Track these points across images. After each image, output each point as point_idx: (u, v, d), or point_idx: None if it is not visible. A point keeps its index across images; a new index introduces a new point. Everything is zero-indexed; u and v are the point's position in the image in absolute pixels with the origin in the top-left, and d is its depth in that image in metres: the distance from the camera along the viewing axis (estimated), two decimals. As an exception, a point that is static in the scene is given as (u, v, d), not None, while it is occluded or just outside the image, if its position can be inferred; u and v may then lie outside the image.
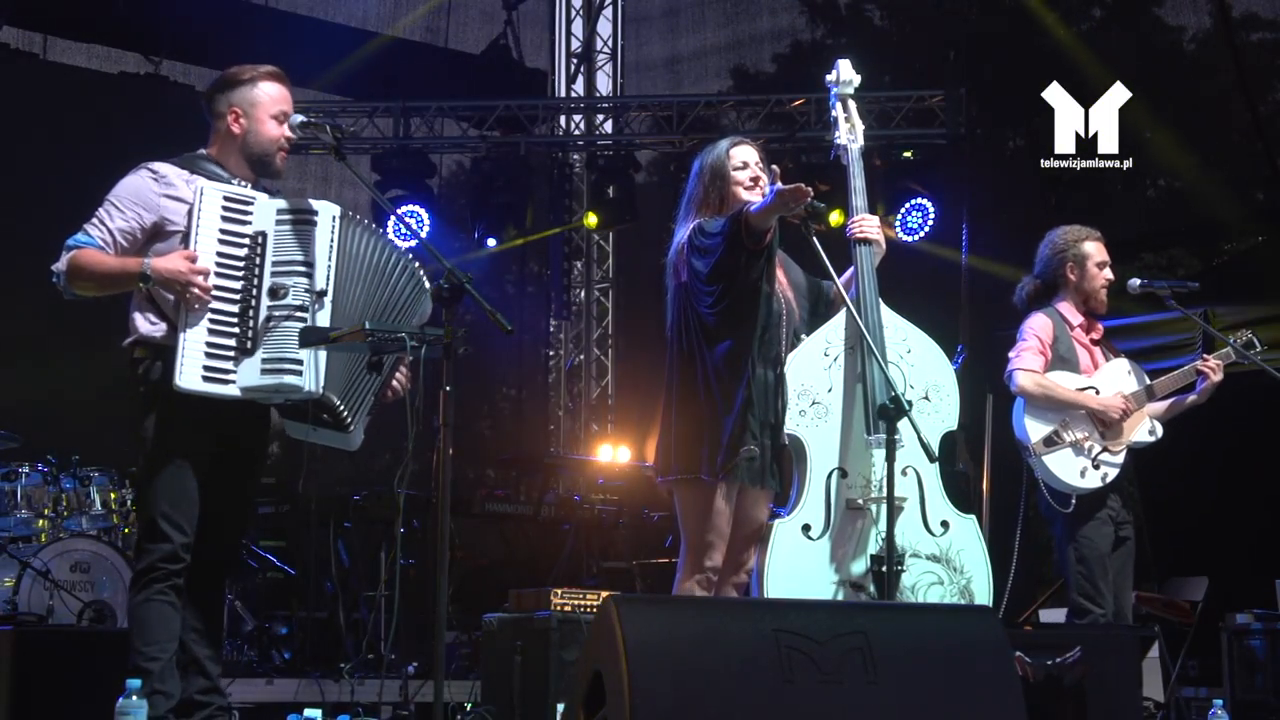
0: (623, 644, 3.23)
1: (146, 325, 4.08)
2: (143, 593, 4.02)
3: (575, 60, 12.34)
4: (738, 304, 4.43)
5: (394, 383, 4.31)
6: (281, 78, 4.27)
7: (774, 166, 4.49)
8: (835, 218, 4.76)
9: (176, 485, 4.03)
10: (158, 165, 4.14)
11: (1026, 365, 5.42)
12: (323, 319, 4.04)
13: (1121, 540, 5.47)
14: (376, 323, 4.04)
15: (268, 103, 4.21)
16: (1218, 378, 5.48)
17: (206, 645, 4.18)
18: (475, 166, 10.89)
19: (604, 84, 12.31)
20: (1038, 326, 5.51)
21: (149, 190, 4.09)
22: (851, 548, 4.50)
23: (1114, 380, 5.49)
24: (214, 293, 4.00)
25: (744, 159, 4.65)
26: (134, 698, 3.72)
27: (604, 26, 12.39)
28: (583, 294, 12.26)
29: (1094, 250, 5.58)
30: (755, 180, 4.61)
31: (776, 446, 4.55)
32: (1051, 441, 5.37)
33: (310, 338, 3.98)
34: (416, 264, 4.30)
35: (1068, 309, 5.58)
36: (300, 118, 4.27)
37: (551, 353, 12.45)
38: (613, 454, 10.00)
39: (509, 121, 10.68)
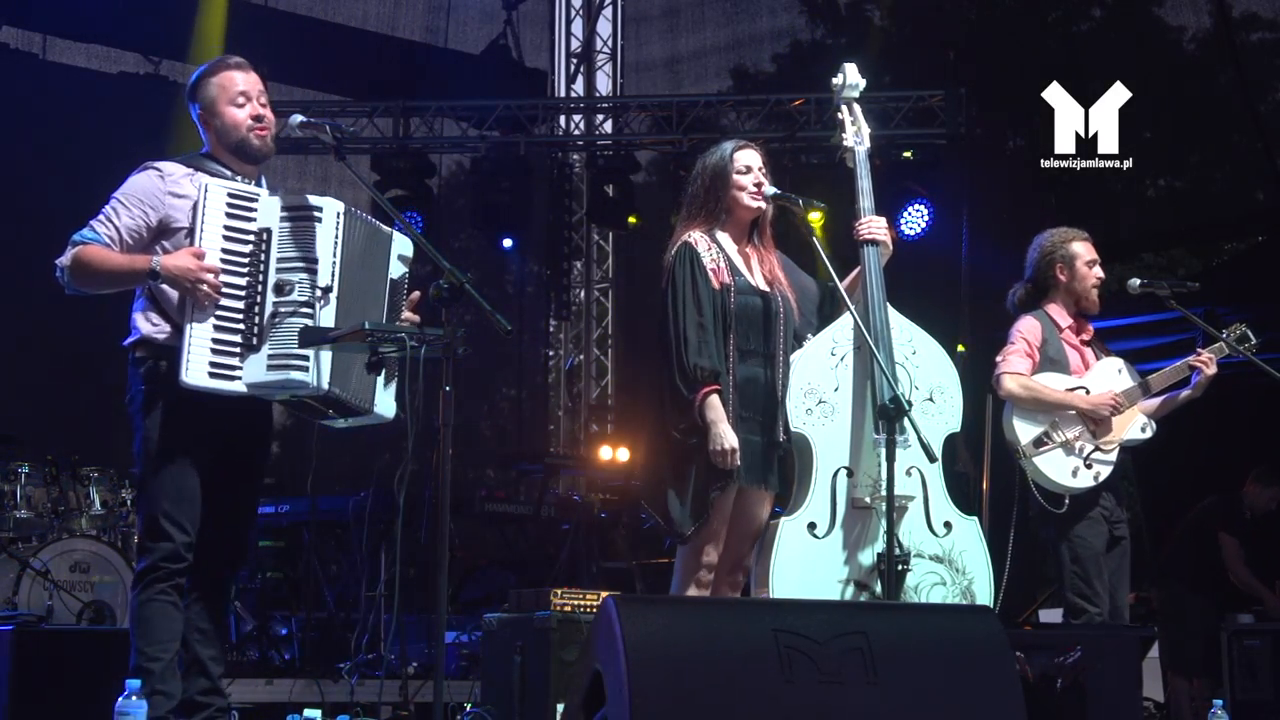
0: (623, 644, 3.23)
1: (149, 326, 4.08)
2: (145, 592, 4.02)
3: (575, 60, 12.34)
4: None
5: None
6: (236, 64, 4.26)
7: None
8: (815, 217, 4.72)
9: (178, 484, 4.03)
10: (162, 163, 4.15)
11: (1013, 369, 5.41)
12: (327, 315, 4.04)
13: (1117, 540, 5.46)
14: (375, 320, 4.05)
15: (222, 93, 4.20)
16: (1211, 371, 5.46)
17: (210, 646, 4.18)
18: (475, 166, 10.88)
19: (604, 84, 12.30)
20: (1025, 329, 5.50)
21: (155, 188, 4.09)
22: (857, 547, 4.50)
23: (1105, 380, 5.48)
24: (220, 289, 4.00)
25: (748, 163, 4.62)
26: (134, 698, 3.70)
27: (604, 26, 12.39)
28: (583, 294, 12.26)
29: (1082, 250, 5.57)
30: (759, 185, 4.60)
31: (773, 445, 4.55)
32: (1041, 442, 5.36)
33: (310, 337, 3.98)
34: (391, 232, 4.31)
35: (1057, 311, 5.56)
36: (300, 118, 4.28)
37: (551, 353, 12.44)
38: (613, 454, 9.99)
39: (509, 121, 10.68)
